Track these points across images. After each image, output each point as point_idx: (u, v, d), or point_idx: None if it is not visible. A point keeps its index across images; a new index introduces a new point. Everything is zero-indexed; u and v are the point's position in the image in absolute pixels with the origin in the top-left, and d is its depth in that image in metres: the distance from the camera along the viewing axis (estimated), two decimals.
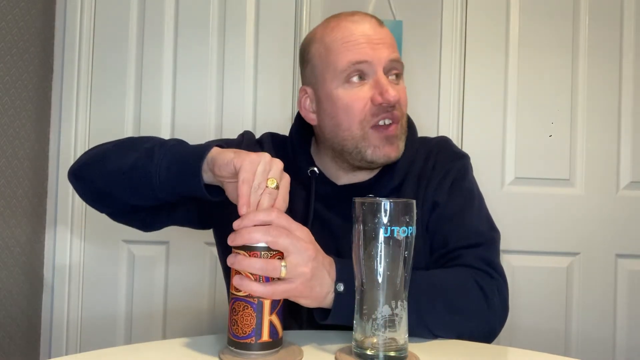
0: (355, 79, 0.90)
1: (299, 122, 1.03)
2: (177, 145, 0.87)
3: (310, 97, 0.97)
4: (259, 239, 0.69)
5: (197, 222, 1.06)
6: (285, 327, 0.75)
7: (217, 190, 0.82)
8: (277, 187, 0.74)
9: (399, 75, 0.95)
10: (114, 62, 1.72)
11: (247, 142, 1.04)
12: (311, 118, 0.98)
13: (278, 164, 0.76)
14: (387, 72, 0.92)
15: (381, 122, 0.91)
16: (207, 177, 0.80)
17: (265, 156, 0.75)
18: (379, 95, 0.89)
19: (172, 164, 0.83)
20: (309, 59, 0.97)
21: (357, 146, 0.92)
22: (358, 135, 0.91)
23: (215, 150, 0.80)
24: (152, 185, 0.84)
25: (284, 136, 1.08)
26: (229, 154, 0.76)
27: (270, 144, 1.04)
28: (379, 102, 0.89)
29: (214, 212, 1.00)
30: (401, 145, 0.95)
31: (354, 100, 0.90)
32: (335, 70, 0.91)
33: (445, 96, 1.68)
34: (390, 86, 0.89)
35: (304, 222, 0.95)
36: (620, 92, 1.66)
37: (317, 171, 0.99)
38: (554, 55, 1.66)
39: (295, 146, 1.01)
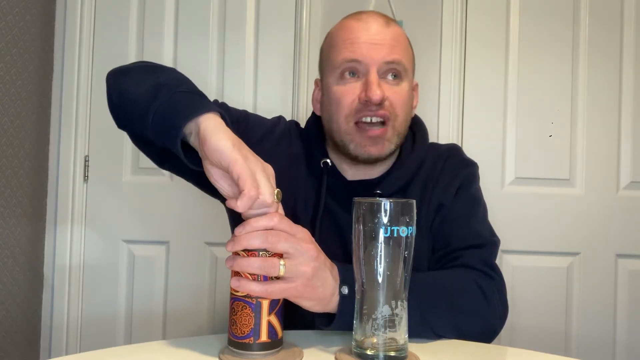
0: (347, 75, 0.93)
1: (316, 115, 1.06)
2: (179, 93, 0.79)
3: (320, 88, 1.02)
4: (258, 246, 0.68)
5: (208, 186, 1.03)
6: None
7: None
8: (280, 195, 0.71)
9: (398, 76, 0.94)
10: (114, 62, 1.71)
11: (282, 130, 1.05)
12: (317, 108, 1.03)
13: (269, 170, 0.72)
14: (383, 72, 0.92)
15: (365, 119, 0.92)
16: (195, 141, 0.73)
17: (261, 167, 0.70)
18: (364, 92, 0.91)
19: (165, 114, 0.76)
20: (321, 53, 1.02)
21: (342, 139, 0.95)
22: (343, 129, 0.94)
23: (210, 121, 0.72)
24: (148, 127, 0.78)
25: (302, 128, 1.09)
26: (226, 143, 0.69)
27: (297, 132, 1.07)
28: (363, 100, 0.91)
29: None
30: (388, 145, 0.94)
31: (344, 95, 0.93)
32: (332, 66, 0.95)
33: (445, 96, 1.68)
34: (376, 85, 0.90)
35: (314, 213, 0.97)
36: (621, 92, 1.66)
37: (330, 163, 0.99)
38: (554, 55, 1.66)
39: (311, 138, 1.03)
